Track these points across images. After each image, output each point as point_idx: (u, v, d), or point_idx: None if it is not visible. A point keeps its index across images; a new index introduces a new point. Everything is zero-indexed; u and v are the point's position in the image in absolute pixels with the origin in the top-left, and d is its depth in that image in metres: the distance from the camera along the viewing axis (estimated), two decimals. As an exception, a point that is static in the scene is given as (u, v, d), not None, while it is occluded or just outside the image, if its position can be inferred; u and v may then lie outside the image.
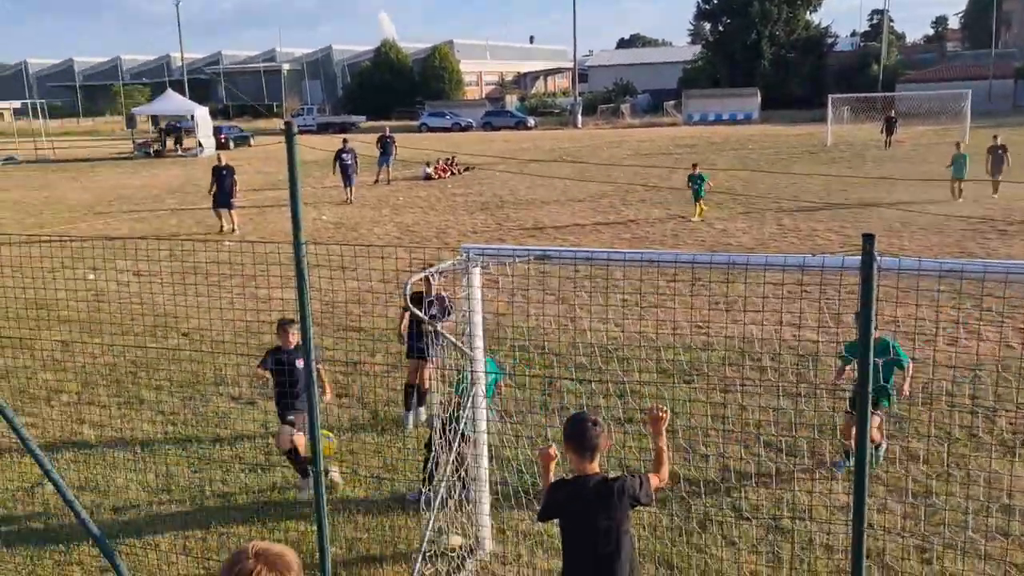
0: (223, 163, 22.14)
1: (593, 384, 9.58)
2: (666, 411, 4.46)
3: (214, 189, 21.83)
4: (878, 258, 3.63)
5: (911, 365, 7.40)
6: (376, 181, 30.49)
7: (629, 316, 12.18)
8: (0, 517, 7.12)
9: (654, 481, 4.38)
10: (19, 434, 5.22)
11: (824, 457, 7.68)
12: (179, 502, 7.36)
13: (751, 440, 8.06)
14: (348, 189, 26.31)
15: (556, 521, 4.50)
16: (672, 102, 72.66)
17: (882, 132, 38.53)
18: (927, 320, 11.16)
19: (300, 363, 7.07)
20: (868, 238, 3.55)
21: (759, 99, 67.79)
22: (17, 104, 66.10)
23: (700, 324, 11.75)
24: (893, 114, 40.67)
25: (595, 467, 4.28)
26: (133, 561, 6.37)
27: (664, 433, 4.49)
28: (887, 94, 55.81)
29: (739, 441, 8.08)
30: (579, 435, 4.21)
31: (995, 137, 24.19)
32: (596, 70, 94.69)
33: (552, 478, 4.46)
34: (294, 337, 7.32)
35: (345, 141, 26.33)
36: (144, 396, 9.86)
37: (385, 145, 30.69)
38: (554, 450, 4.43)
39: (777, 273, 4.92)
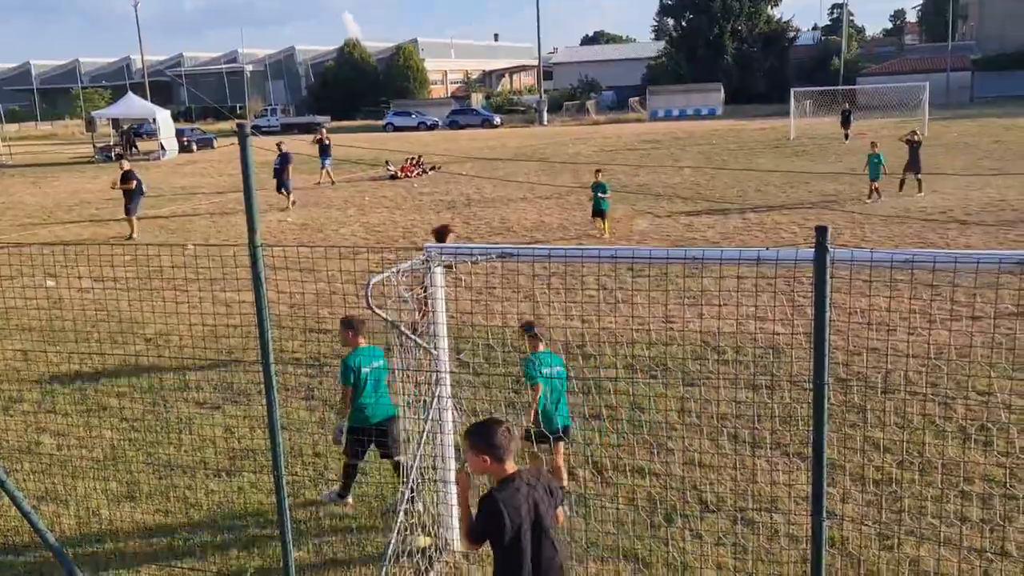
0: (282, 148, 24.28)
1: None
2: (466, 475, 4.14)
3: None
4: (831, 249, 3.68)
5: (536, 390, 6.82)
6: (319, 183, 30.09)
7: (595, 313, 12.24)
8: (-42, 530, 6.99)
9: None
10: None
11: (788, 448, 7.76)
12: (144, 510, 7.27)
13: (716, 433, 8.13)
14: (284, 194, 25.22)
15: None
16: (637, 98, 73.05)
17: (841, 125, 39.00)
18: (886, 310, 11.34)
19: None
20: (821, 230, 3.59)
21: (723, 94, 68.39)
22: (-28, 109, 64.80)
23: (665, 319, 11.82)
24: (847, 107, 41.08)
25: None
26: (95, 570, 6.28)
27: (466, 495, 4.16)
28: (848, 87, 56.56)
29: (705, 434, 8.15)
30: (500, 438, 3.94)
31: (913, 132, 24.16)
32: (561, 67, 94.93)
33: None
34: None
35: (279, 145, 25.19)
36: (106, 403, 9.73)
37: (323, 146, 30.31)
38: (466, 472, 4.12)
39: (740, 267, 4.96)
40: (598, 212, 19.03)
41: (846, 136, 37.74)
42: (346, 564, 6.32)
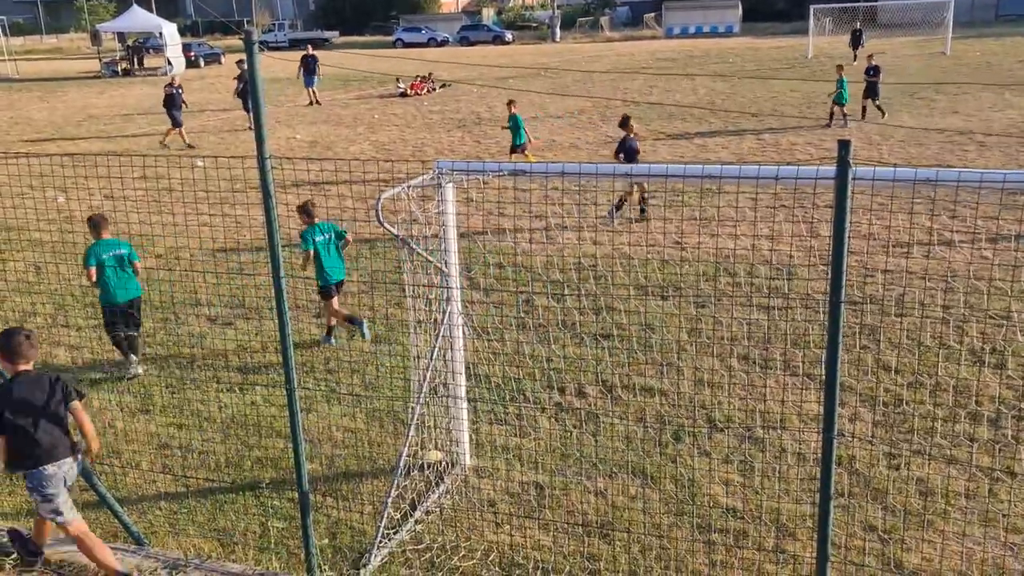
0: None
1: (569, 300, 9.61)
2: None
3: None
4: (853, 167, 3.58)
5: None
6: (310, 103, 29.46)
7: (606, 232, 12.16)
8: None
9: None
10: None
11: (798, 369, 7.77)
12: (158, 423, 7.37)
13: (726, 353, 8.13)
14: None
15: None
16: (652, 15, 71.26)
17: (849, 46, 37.82)
18: (902, 231, 11.22)
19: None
20: (843, 144, 3.49)
21: (740, 11, 66.57)
22: (-24, 21, 63.82)
23: (676, 240, 11.73)
24: (858, 26, 39.73)
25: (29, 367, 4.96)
26: (113, 480, 6.40)
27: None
28: (869, 3, 54.96)
29: (714, 354, 8.15)
30: (14, 343, 4.88)
31: (870, 57, 23.30)
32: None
33: None
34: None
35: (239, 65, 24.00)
36: (119, 318, 9.78)
37: (308, 64, 29.39)
38: None
39: (754, 187, 4.87)
40: (516, 146, 17.17)
41: (855, 57, 36.64)
42: (358, 476, 6.42)
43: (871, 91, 21.54)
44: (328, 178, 15.83)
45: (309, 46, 32.02)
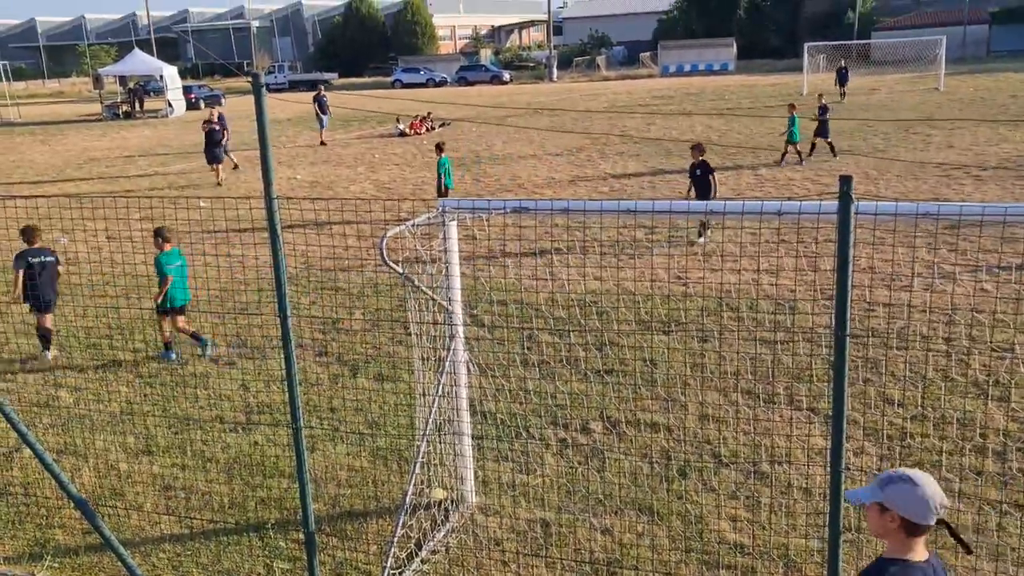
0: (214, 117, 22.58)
1: (572, 336, 9.62)
2: None
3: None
4: (855, 201, 3.62)
5: None
6: (322, 143, 29.84)
7: (608, 268, 12.20)
8: (-21, 483, 7.07)
9: None
10: (-7, 398, 5.15)
11: (802, 403, 7.76)
12: (161, 464, 7.34)
13: (729, 388, 8.13)
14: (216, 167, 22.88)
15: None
16: (648, 54, 72.13)
17: (835, 84, 37.85)
18: (903, 264, 11.27)
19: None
20: (845, 180, 3.53)
21: (735, 49, 67.42)
22: (-21, 66, 64.49)
23: (679, 275, 11.77)
24: (843, 64, 39.90)
25: None
26: (116, 523, 6.36)
27: None
28: (862, 42, 55.67)
29: (717, 389, 8.15)
30: None
31: (820, 95, 23.85)
32: (571, 22, 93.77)
33: None
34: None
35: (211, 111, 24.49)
36: (121, 359, 9.78)
37: (322, 104, 29.89)
38: None
39: (755, 222, 4.91)
40: (442, 188, 16.54)
41: (842, 95, 36.81)
42: (363, 516, 6.38)
43: (822, 129, 21.78)
44: (331, 218, 15.92)
45: (322, 87, 32.50)
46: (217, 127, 22.67)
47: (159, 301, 9.61)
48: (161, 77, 47.91)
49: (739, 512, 6.15)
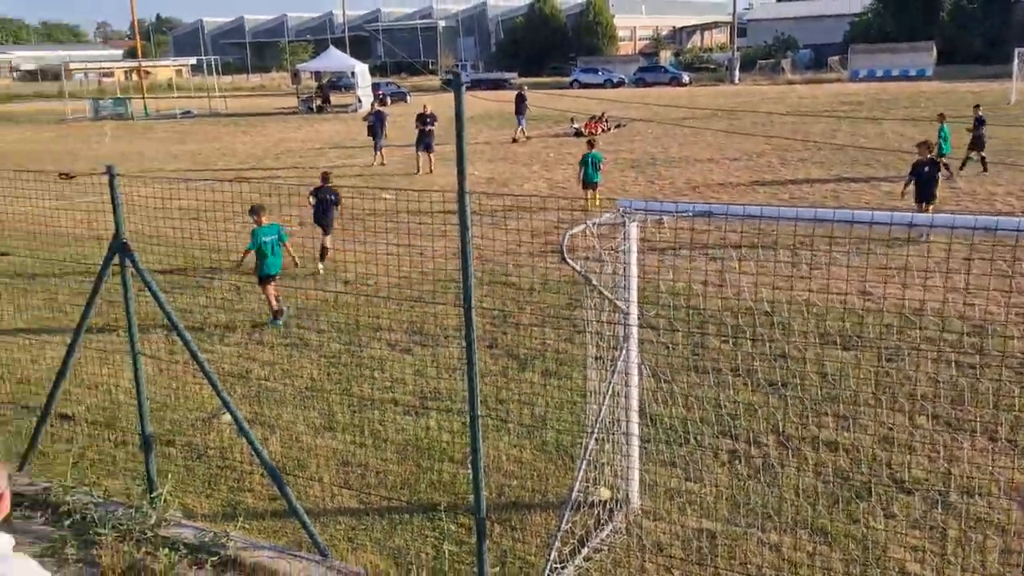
0: (427, 111, 24.13)
1: (745, 345, 9.38)
2: None
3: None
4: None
5: None
6: (514, 140, 30.79)
7: (787, 278, 11.79)
8: (183, 443, 7.70)
9: None
10: (203, 368, 5.61)
11: (998, 433, 7.22)
12: (340, 440, 7.73)
13: (915, 410, 7.68)
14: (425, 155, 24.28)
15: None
16: (837, 57, 69.02)
17: None
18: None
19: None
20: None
21: (934, 54, 63.31)
22: (193, 61, 70.27)
23: (861, 289, 11.22)
24: None
25: None
26: (297, 492, 6.75)
27: None
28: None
29: (902, 411, 7.71)
30: None
31: (976, 107, 21.32)
32: (756, 24, 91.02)
33: None
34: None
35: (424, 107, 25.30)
36: (308, 339, 10.38)
37: (519, 103, 31.03)
38: None
39: (947, 237, 4.61)
40: (589, 182, 17.89)
41: None
42: (527, 507, 6.49)
43: (978, 142, 19.99)
44: (503, 214, 16.22)
45: (524, 86, 34.00)
46: (373, 122, 25.33)
47: (257, 272, 10.92)
48: (353, 74, 50.34)
49: (921, 543, 5.80)
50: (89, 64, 73.01)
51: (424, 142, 23.89)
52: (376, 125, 25.86)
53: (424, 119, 23.94)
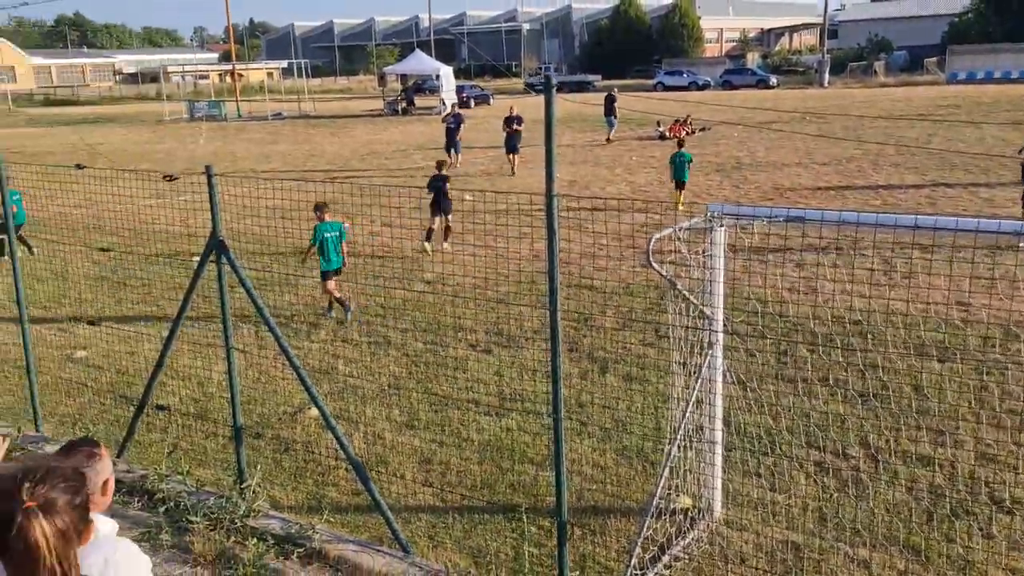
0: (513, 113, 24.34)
1: (834, 354, 9.13)
2: None
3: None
4: None
5: None
6: (608, 140, 30.96)
7: (878, 286, 11.45)
8: (270, 436, 7.91)
9: None
10: (293, 363, 5.75)
11: (1104, 454, 6.87)
12: (421, 438, 7.82)
13: (1017, 428, 7.36)
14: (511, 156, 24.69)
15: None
16: (934, 59, 66.71)
17: None
18: None
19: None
20: None
21: (1043, 53, 60.57)
22: (284, 64, 72.11)
23: (959, 299, 10.81)
24: None
25: None
26: (379, 488, 6.84)
27: None
28: None
29: (1001, 427, 7.40)
30: None
31: None
32: (847, 25, 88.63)
33: None
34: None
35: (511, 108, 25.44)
36: (391, 338, 10.53)
37: (608, 104, 31.17)
38: None
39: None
40: (680, 182, 18.54)
41: None
42: (607, 512, 6.45)
43: None
44: (585, 216, 16.18)
45: (615, 88, 34.37)
46: (452, 124, 25.71)
47: (321, 268, 11.32)
48: (437, 76, 50.93)
49: (1021, 565, 5.55)
50: (186, 67, 75.65)
51: (510, 144, 24.07)
52: (454, 128, 26.20)
53: (511, 121, 24.10)
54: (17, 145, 36.31)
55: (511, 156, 24.22)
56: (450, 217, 14.78)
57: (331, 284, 11.29)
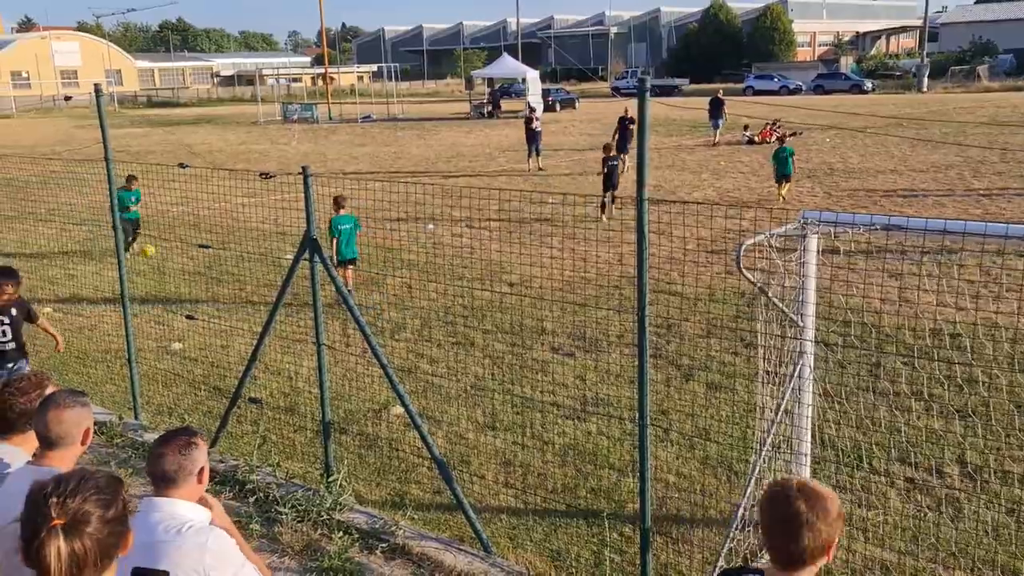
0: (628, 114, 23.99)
1: (929, 368, 8.82)
2: None
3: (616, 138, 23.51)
4: None
5: None
6: (715, 143, 31.04)
7: (976, 299, 11.01)
8: (355, 432, 8.06)
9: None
10: (380, 360, 5.85)
11: None
12: (502, 439, 7.86)
13: None
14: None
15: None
16: (1042, 63, 63.82)
17: None
18: None
19: None
20: None
21: None
22: (374, 68, 73.50)
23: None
24: None
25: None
26: (461, 487, 6.91)
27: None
28: None
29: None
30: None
31: None
32: (949, 28, 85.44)
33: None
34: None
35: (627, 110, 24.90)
36: (474, 339, 10.62)
37: (714, 107, 31.07)
38: None
39: None
40: (782, 176, 19.19)
41: None
42: (689, 522, 6.37)
43: None
44: (668, 221, 16.01)
45: (720, 91, 34.53)
46: (536, 126, 26.53)
47: (337, 260, 11.75)
48: (524, 80, 51.11)
49: None
50: (280, 70, 77.73)
51: (622, 144, 23.78)
52: (538, 130, 26.51)
53: (624, 121, 23.89)
54: (122, 145, 37.90)
55: (623, 156, 23.88)
56: (616, 192, 17.18)
57: (349, 272, 11.97)
